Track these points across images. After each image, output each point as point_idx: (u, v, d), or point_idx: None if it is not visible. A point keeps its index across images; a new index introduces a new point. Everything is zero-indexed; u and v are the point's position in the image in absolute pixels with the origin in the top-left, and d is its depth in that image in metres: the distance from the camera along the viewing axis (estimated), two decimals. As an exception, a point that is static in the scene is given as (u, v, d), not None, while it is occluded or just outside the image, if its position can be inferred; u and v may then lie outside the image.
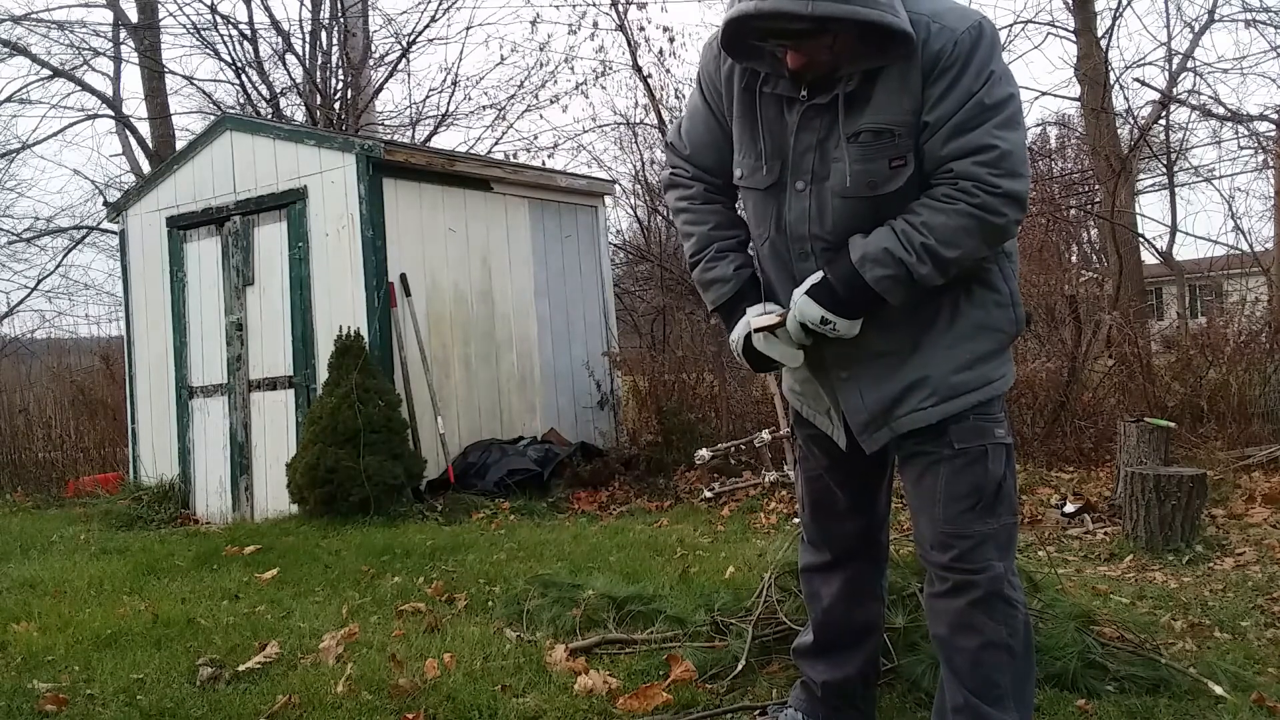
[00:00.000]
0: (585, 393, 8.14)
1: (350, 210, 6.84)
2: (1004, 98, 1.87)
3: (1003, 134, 1.86)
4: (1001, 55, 1.90)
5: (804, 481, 2.38)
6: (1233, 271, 11.52)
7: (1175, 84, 12.81)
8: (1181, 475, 4.42)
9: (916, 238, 1.88)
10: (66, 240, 16.93)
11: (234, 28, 13.02)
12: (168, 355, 7.81)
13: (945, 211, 1.87)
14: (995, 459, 2.02)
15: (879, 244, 1.91)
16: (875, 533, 2.34)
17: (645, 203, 15.88)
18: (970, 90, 1.85)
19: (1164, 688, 2.65)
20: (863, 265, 1.92)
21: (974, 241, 1.89)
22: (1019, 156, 1.88)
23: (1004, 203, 1.87)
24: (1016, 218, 1.90)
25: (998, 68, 1.88)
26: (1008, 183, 1.86)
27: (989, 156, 1.85)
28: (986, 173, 1.85)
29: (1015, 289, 2.07)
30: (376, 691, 2.85)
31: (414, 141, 12.68)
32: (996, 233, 1.90)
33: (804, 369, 2.17)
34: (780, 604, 3.07)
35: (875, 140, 1.91)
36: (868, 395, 2.07)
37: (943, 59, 1.86)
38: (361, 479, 6.08)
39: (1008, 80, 1.90)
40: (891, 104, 1.89)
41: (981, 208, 1.86)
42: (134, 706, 2.84)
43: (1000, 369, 2.06)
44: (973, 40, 1.86)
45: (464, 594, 4.05)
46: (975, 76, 1.85)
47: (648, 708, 2.66)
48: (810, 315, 1.97)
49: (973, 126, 1.86)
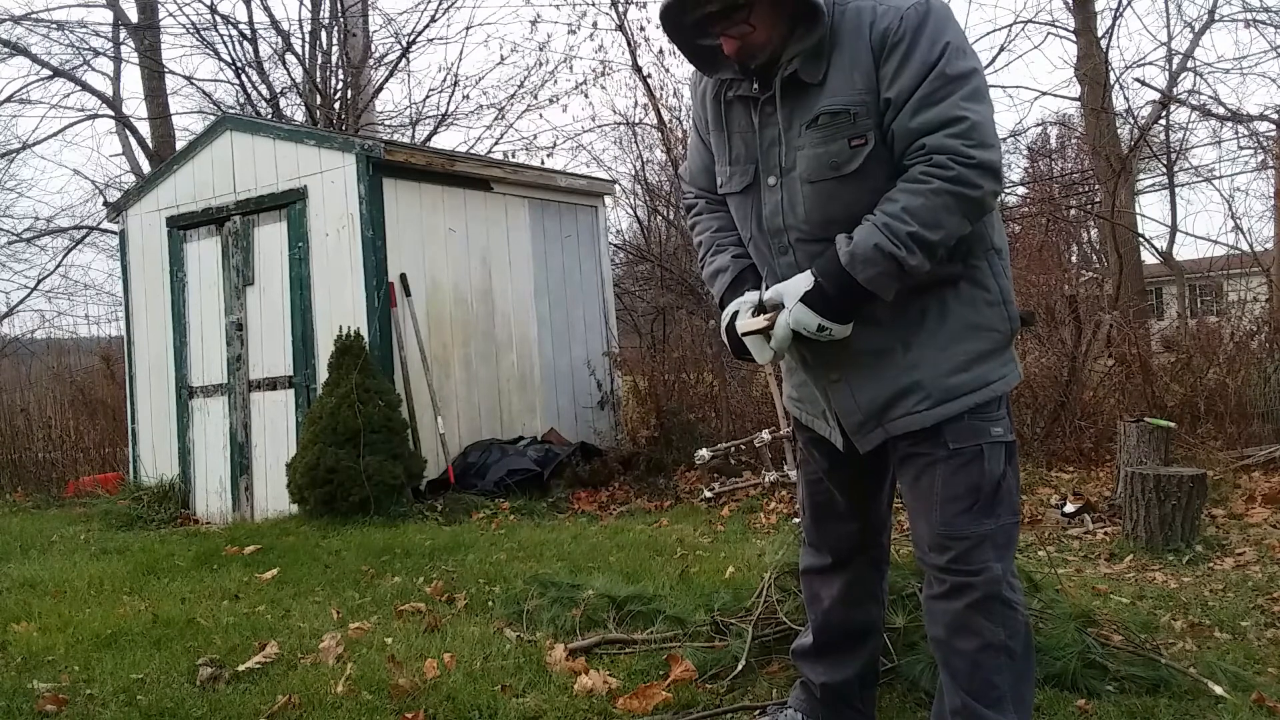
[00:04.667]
0: (585, 393, 8.14)
1: (350, 210, 6.84)
2: (967, 70, 1.89)
3: (971, 105, 1.87)
4: (957, 29, 1.91)
5: (805, 484, 2.38)
6: (1233, 271, 11.51)
7: (1175, 84, 12.83)
8: (1181, 475, 4.42)
9: (902, 228, 1.87)
10: (66, 240, 16.94)
11: (234, 28, 13.04)
12: (168, 355, 7.81)
13: (922, 193, 1.87)
14: (993, 458, 2.00)
15: (867, 242, 1.90)
16: (876, 535, 2.34)
17: (645, 203, 15.87)
18: (927, 62, 1.87)
19: (1164, 688, 2.65)
20: (853, 266, 1.91)
21: (955, 218, 1.89)
22: (989, 128, 1.88)
23: (979, 174, 1.86)
24: (993, 188, 1.89)
25: (953, 39, 1.89)
26: (981, 153, 1.86)
27: (960, 128, 1.86)
28: (960, 144, 1.86)
29: (1006, 286, 2.06)
30: (376, 691, 2.85)
31: (414, 141, 12.68)
32: (975, 205, 1.89)
33: (799, 373, 2.18)
34: (780, 604, 3.07)
35: (833, 121, 1.94)
36: (860, 396, 2.07)
37: (890, 35, 1.89)
38: (361, 479, 6.08)
39: (968, 54, 1.91)
40: (845, 85, 1.93)
41: (957, 180, 1.86)
42: (134, 706, 2.84)
43: (1000, 370, 2.04)
44: (919, 14, 1.89)
45: (464, 594, 4.05)
46: (929, 48, 1.88)
47: (648, 708, 2.66)
48: (807, 324, 1.97)
49: (939, 99, 1.87)
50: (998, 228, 2.08)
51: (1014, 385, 2.08)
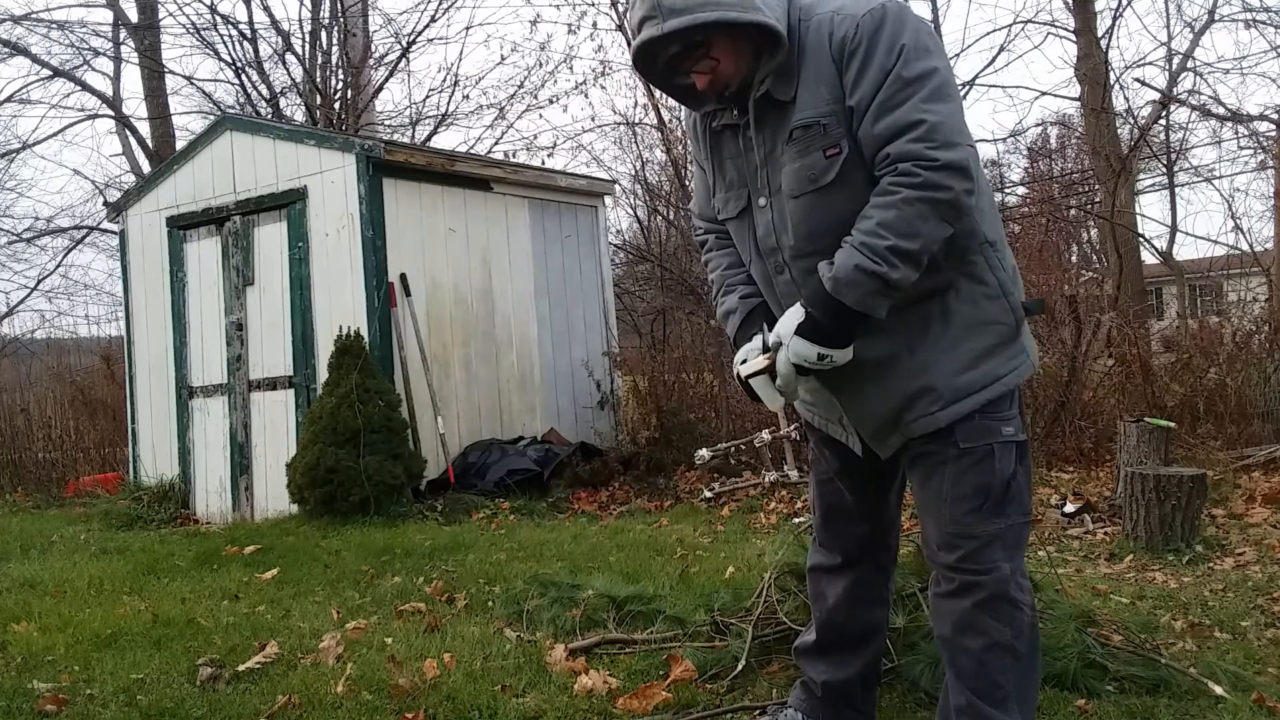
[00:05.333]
0: (585, 393, 8.14)
1: (350, 210, 6.84)
2: (924, 71, 1.87)
3: (930, 106, 1.86)
4: (916, 28, 1.90)
5: (815, 485, 2.38)
6: (1233, 271, 11.51)
7: (1175, 84, 12.84)
8: (1181, 475, 4.42)
9: (879, 244, 1.86)
10: (66, 240, 16.97)
11: (234, 28, 13.06)
12: (168, 355, 7.81)
13: (894, 204, 1.86)
14: (1003, 458, 2.00)
15: (847, 264, 1.89)
16: (885, 537, 2.34)
17: (645, 203, 15.89)
18: (885, 67, 1.87)
19: (1164, 688, 2.65)
20: (839, 291, 1.90)
21: (931, 223, 1.87)
22: (952, 126, 1.87)
23: (946, 175, 1.85)
24: (964, 187, 1.87)
25: (910, 40, 1.88)
26: (945, 153, 1.84)
27: (920, 131, 1.85)
28: (923, 148, 1.85)
29: (1005, 279, 2.04)
30: (376, 691, 2.84)
31: (414, 141, 12.68)
32: (948, 207, 1.87)
33: (811, 379, 2.14)
34: (780, 604, 3.07)
35: (806, 135, 1.96)
36: (873, 405, 2.07)
37: (848, 43, 1.90)
38: (361, 479, 6.08)
39: (928, 53, 1.90)
40: (812, 98, 1.95)
41: (925, 185, 1.85)
42: (134, 706, 2.83)
43: (1008, 364, 2.03)
44: (875, 21, 1.89)
45: (464, 594, 4.05)
46: (887, 53, 1.88)
47: (647, 708, 2.66)
48: (807, 355, 1.95)
49: (898, 103, 1.87)
50: (990, 220, 2.05)
51: (1026, 376, 2.06)
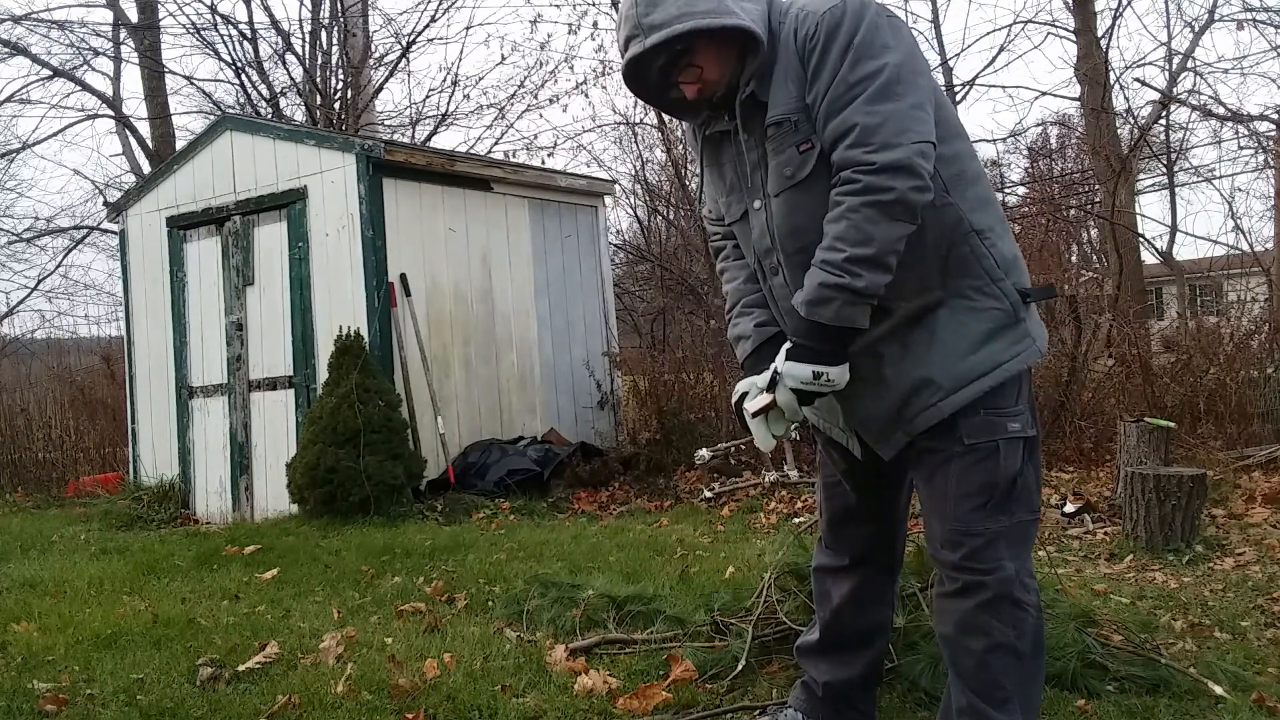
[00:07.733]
0: (585, 393, 8.14)
1: (350, 210, 6.84)
2: (870, 72, 1.86)
3: (872, 108, 1.85)
4: (874, 26, 1.88)
5: (822, 487, 2.37)
6: (1233, 271, 11.50)
7: (1175, 84, 12.85)
8: (1181, 475, 4.42)
9: (837, 257, 1.87)
10: (66, 240, 16.98)
11: (234, 28, 13.06)
12: (168, 355, 7.81)
13: (842, 216, 1.87)
14: (1009, 454, 1.96)
15: (813, 284, 1.91)
16: (891, 538, 2.33)
17: (645, 203, 15.90)
18: (835, 68, 1.89)
19: (1164, 688, 2.64)
20: (812, 312, 1.91)
21: (883, 226, 1.85)
22: (892, 126, 1.84)
23: (885, 176, 1.83)
24: (910, 185, 1.84)
25: (862, 38, 1.87)
26: (882, 155, 1.83)
27: (854, 136, 1.86)
28: (860, 153, 1.85)
29: (993, 266, 1.98)
30: (376, 691, 2.84)
31: (414, 141, 12.68)
32: (898, 207, 1.84)
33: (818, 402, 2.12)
34: (780, 604, 3.07)
35: (779, 132, 1.97)
36: (874, 406, 2.05)
37: (808, 41, 1.92)
38: (361, 479, 6.08)
39: (883, 49, 1.87)
40: (783, 96, 1.96)
41: (865, 190, 1.84)
42: (134, 706, 2.83)
43: (1010, 349, 1.98)
44: (833, 19, 1.90)
45: (464, 594, 4.05)
46: (839, 54, 1.89)
47: (648, 708, 2.66)
48: (800, 375, 1.94)
49: (840, 107, 1.88)
50: (975, 206, 1.99)
51: (1032, 363, 2.01)
